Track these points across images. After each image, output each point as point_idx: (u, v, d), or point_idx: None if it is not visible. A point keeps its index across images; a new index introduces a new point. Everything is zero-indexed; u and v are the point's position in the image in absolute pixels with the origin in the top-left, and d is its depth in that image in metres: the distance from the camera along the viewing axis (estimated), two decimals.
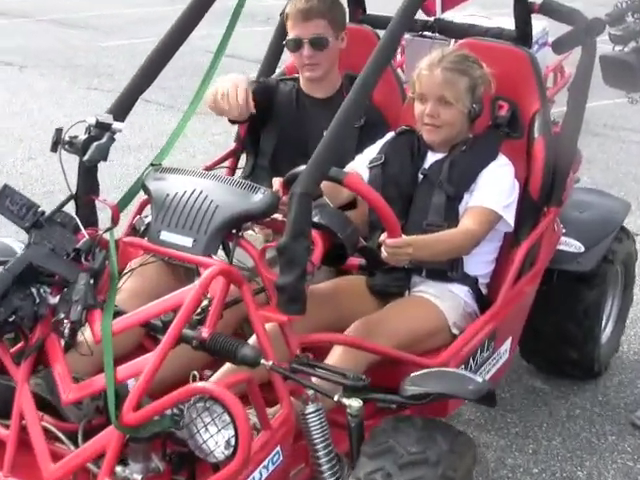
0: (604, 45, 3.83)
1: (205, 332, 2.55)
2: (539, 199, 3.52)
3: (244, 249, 2.77)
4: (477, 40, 3.71)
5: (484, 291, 3.39)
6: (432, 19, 4.08)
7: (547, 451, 3.74)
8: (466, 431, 3.74)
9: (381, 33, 3.87)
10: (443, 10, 4.22)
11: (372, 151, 3.50)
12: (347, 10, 4.03)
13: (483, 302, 3.35)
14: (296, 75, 3.83)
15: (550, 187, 3.54)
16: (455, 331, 3.24)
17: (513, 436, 3.83)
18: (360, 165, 3.46)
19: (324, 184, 2.82)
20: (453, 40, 3.94)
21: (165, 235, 2.79)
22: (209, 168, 4.01)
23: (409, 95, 3.42)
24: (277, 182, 2.97)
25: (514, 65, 3.61)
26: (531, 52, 3.66)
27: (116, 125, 2.89)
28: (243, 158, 4.05)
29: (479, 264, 3.37)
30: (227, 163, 4.14)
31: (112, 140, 2.87)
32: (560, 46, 3.75)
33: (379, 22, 4.05)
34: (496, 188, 3.28)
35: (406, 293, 3.30)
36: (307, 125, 3.70)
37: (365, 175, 3.43)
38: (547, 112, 3.60)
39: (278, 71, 4.12)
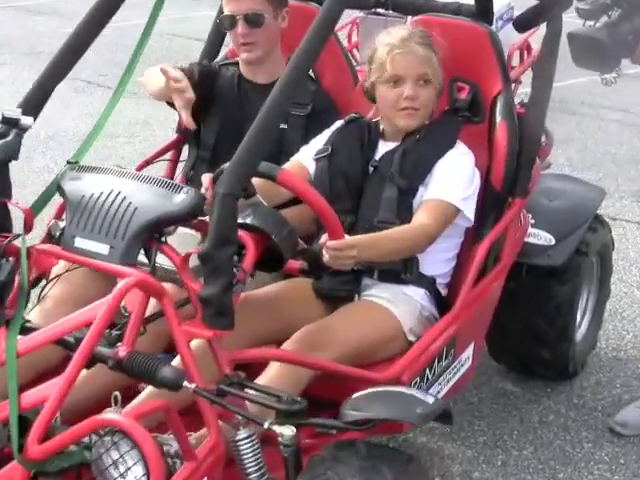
0: (575, 21, 3.53)
1: (122, 350, 2.27)
2: (502, 189, 3.22)
3: (166, 255, 2.49)
4: (433, 17, 3.40)
5: (443, 292, 3.11)
6: None
7: (517, 462, 3.45)
8: (429, 441, 3.50)
9: None
10: None
11: (319, 141, 3.21)
12: None
13: (443, 304, 3.07)
14: (238, 59, 3.53)
15: (514, 176, 3.25)
16: (411, 338, 2.95)
17: (481, 446, 3.53)
18: (305, 157, 3.17)
19: (258, 181, 2.53)
20: (409, 17, 3.63)
21: (79, 241, 2.49)
22: (149, 161, 3.72)
23: (370, 80, 3.09)
24: (206, 179, 2.67)
25: (473, 43, 3.31)
26: (491, 29, 3.36)
27: (25, 120, 2.59)
28: (186, 150, 3.75)
29: (436, 263, 3.07)
30: (169, 156, 3.83)
31: (19, 137, 2.58)
32: (523, 23, 3.45)
33: None
34: (453, 179, 2.99)
35: (356, 297, 3.01)
36: (248, 114, 3.36)
37: (311, 168, 3.14)
38: (509, 94, 3.31)
39: (222, 55, 3.81)
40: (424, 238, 2.89)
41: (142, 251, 2.48)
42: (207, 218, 2.45)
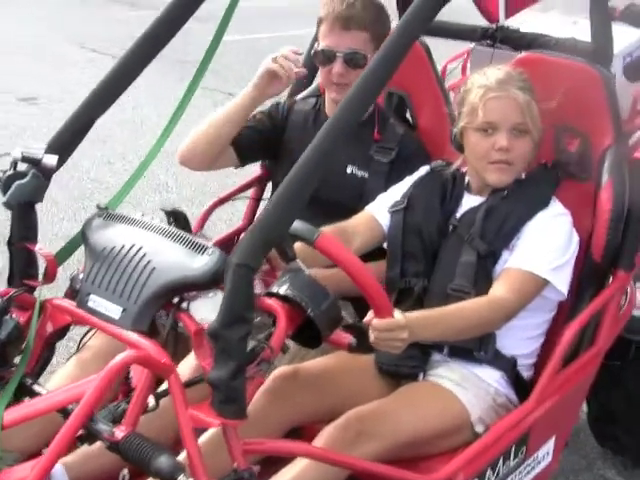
0: None
1: (120, 432, 2.00)
2: (603, 260, 2.77)
3: (183, 324, 2.19)
4: (540, 54, 2.99)
5: (527, 375, 2.69)
6: (494, 26, 3.36)
7: None
8: None
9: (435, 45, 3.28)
10: (507, 15, 3.50)
11: (399, 190, 2.85)
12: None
13: (525, 388, 2.65)
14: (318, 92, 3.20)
15: (619, 245, 2.79)
16: (479, 429, 2.55)
17: None
18: (380, 208, 2.82)
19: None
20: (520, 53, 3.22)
21: (94, 300, 2.24)
22: (224, 200, 3.44)
23: (459, 125, 2.72)
24: None
25: (584, 88, 2.87)
26: (606, 72, 2.91)
27: (47, 160, 2.35)
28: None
29: (518, 341, 2.66)
30: (249, 193, 3.54)
31: (37, 179, 2.33)
32: (635, 71, 2.97)
33: (439, 31, 3.37)
34: (543, 245, 2.58)
35: (420, 376, 2.64)
36: None
37: (385, 221, 2.79)
38: (621, 150, 2.85)
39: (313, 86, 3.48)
40: (500, 315, 2.49)
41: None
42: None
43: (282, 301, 2.17)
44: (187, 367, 2.51)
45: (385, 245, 2.81)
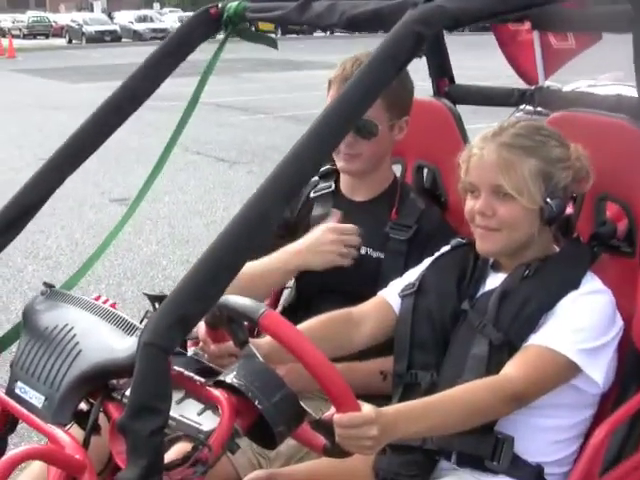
0: None
1: None
2: None
3: (106, 415, 1.88)
4: (575, 112, 2.61)
5: None
6: (532, 87, 3.00)
7: None
8: None
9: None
10: (547, 75, 3.13)
11: (414, 273, 2.48)
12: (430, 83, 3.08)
13: None
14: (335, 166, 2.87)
15: None
16: None
17: None
18: (392, 291, 2.45)
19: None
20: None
21: (20, 387, 1.98)
22: None
23: (459, 186, 2.37)
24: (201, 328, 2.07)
25: (627, 150, 2.47)
26: None
27: None
28: None
29: (547, 445, 2.21)
30: None
31: None
32: None
33: (469, 97, 3.04)
34: (572, 322, 2.16)
35: None
36: None
37: (396, 306, 2.42)
38: None
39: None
40: (504, 398, 2.06)
41: None
42: None
43: (230, 391, 1.84)
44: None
45: None
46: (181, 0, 59.28)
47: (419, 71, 2.76)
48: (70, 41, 46.73)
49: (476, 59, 19.48)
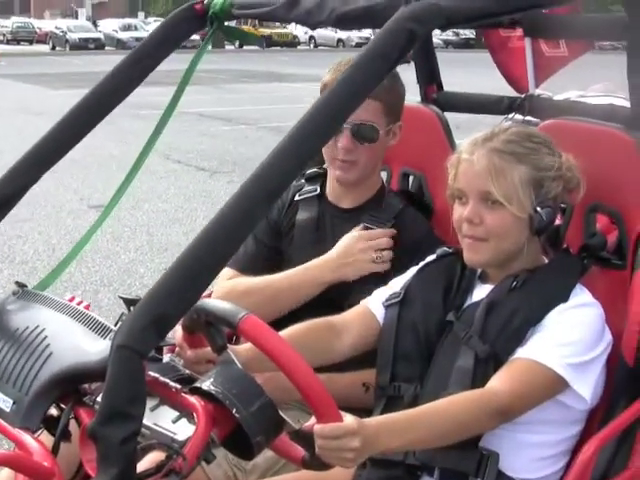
0: None
1: None
2: (636, 363, 2.26)
3: (77, 421, 1.80)
4: (567, 120, 2.55)
5: None
6: (522, 96, 2.95)
7: None
8: None
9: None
10: (538, 83, 3.09)
11: (399, 282, 2.41)
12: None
13: None
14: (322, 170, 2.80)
15: None
16: None
17: None
18: (376, 301, 2.38)
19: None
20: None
21: None
22: None
23: (447, 193, 2.31)
24: (178, 332, 1.99)
25: (618, 159, 2.42)
26: None
27: None
28: None
29: (532, 462, 2.15)
30: None
31: None
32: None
33: (458, 104, 2.98)
34: (559, 336, 2.10)
35: None
36: (323, 249, 2.65)
37: (380, 315, 2.35)
38: None
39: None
40: (488, 411, 2.00)
41: None
42: None
43: (206, 399, 1.77)
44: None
45: None
46: (166, 9, 59.25)
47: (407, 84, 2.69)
48: (54, 48, 46.52)
49: (456, 76, 19.52)
